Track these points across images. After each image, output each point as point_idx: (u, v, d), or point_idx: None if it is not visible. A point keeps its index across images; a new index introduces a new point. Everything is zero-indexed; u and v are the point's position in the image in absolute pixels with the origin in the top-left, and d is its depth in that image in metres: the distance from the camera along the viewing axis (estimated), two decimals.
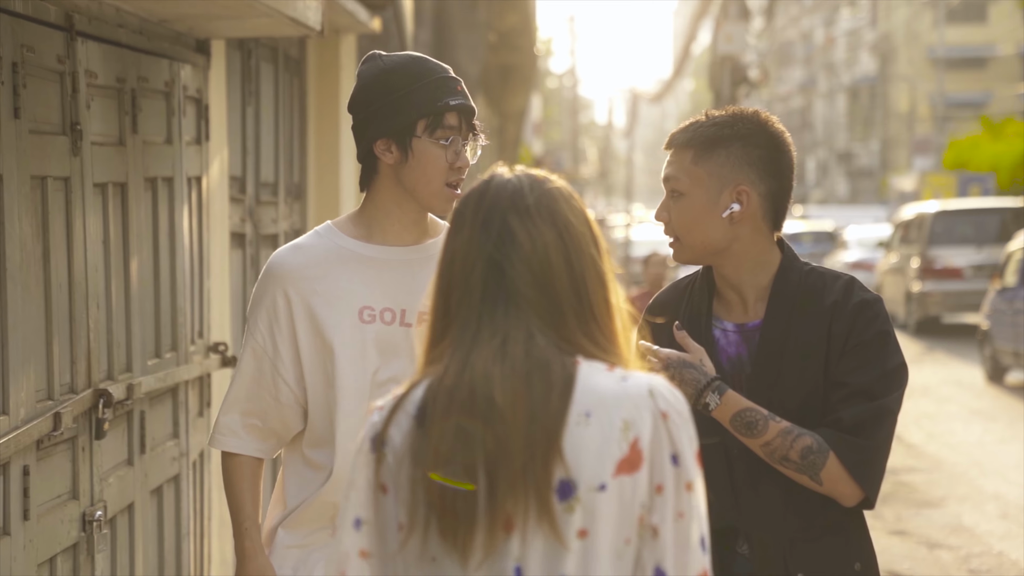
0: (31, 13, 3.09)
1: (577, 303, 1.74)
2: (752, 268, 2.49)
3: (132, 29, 3.75)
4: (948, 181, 27.14)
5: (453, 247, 1.77)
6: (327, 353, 2.53)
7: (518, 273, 1.73)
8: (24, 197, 3.03)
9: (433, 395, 1.71)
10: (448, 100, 2.50)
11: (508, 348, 1.70)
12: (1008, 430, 11.29)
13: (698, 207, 2.46)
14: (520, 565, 1.69)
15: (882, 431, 2.39)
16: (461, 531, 1.68)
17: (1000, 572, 7.03)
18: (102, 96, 3.52)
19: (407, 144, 2.50)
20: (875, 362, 2.41)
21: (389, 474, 1.72)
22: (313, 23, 4.33)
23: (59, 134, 3.26)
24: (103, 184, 3.51)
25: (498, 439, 1.68)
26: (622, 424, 1.70)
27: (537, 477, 1.67)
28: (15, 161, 2.98)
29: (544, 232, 1.75)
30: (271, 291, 2.55)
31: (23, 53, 3.01)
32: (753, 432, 2.39)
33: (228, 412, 2.61)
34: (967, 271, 17.73)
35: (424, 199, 2.54)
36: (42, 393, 3.14)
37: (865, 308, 2.44)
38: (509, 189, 1.79)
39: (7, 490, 2.94)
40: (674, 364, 2.41)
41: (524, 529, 1.68)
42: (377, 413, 1.76)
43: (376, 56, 2.57)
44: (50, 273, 3.18)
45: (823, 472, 2.37)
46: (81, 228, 3.34)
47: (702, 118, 2.51)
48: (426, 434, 1.70)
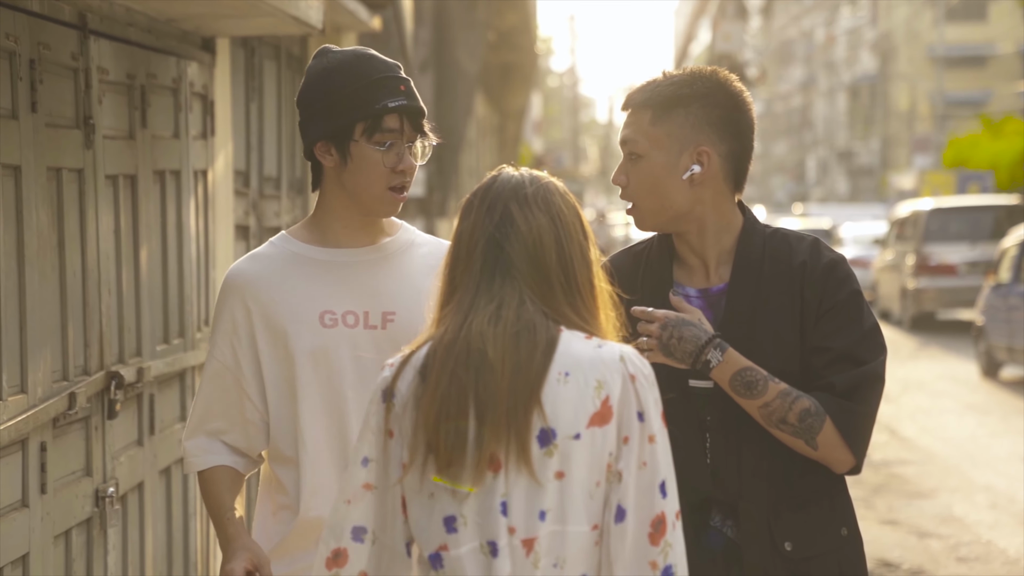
0: (47, 12, 3.24)
1: (564, 279, 2.02)
2: (715, 231, 2.41)
3: (141, 28, 3.90)
4: (947, 179, 27.23)
5: (461, 229, 2.07)
6: (289, 362, 2.43)
7: (514, 250, 2.01)
8: (41, 188, 3.19)
9: (434, 349, 1.99)
10: (387, 102, 2.37)
11: (502, 312, 1.98)
12: (1001, 424, 11.42)
13: (657, 169, 2.37)
14: (506, 500, 1.95)
15: (873, 396, 2.35)
16: (453, 469, 1.94)
17: (987, 560, 7.16)
18: (113, 92, 3.66)
19: (346, 148, 2.40)
20: (854, 323, 2.35)
21: (396, 420, 2.00)
22: (315, 22, 4.49)
23: (73, 128, 3.41)
24: (114, 176, 3.66)
25: (487, 387, 1.95)
26: (596, 383, 1.97)
27: (519, 423, 1.94)
28: (32, 153, 3.14)
29: (539, 217, 2.04)
30: (230, 304, 2.46)
31: (40, 51, 3.17)
32: (752, 392, 2.32)
33: (193, 436, 2.52)
34: (961, 268, 17.89)
35: (365, 203, 2.44)
36: (58, 374, 3.30)
37: (835, 268, 2.38)
38: (512, 182, 2.09)
39: (26, 465, 3.10)
40: (673, 323, 2.33)
41: (507, 469, 1.94)
42: (388, 368, 2.04)
43: (325, 52, 2.46)
44: (65, 260, 3.34)
45: (819, 436, 2.32)
46: (94, 218, 3.50)
47: (660, 77, 2.42)
48: (426, 383, 1.97)
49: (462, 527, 1.96)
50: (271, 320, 2.43)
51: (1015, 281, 13.74)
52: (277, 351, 2.44)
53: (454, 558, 1.96)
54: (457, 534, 1.96)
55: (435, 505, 1.97)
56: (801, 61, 66.08)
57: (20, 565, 3.06)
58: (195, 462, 2.51)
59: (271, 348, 2.44)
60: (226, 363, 2.46)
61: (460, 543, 1.96)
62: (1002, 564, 7.07)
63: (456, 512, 1.96)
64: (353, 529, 2.01)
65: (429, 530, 1.98)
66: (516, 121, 20.93)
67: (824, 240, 2.57)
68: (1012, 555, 7.23)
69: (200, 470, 2.51)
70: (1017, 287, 13.63)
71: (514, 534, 1.95)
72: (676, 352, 2.33)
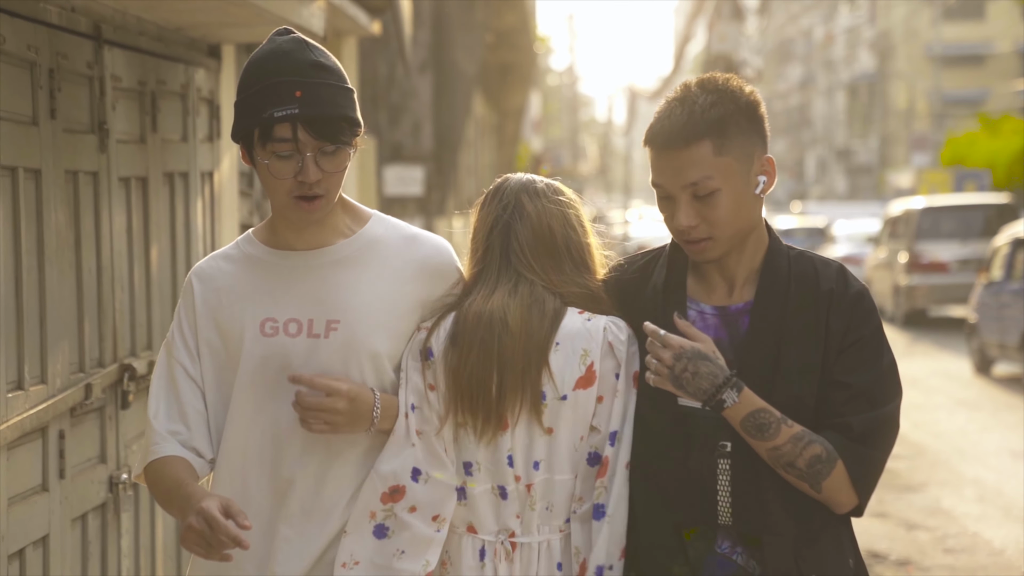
0: (65, 24, 3.42)
1: (568, 253, 2.38)
2: (752, 248, 2.34)
3: (152, 36, 4.08)
4: (944, 177, 27.35)
5: (476, 221, 2.44)
6: (229, 369, 2.32)
7: (525, 236, 2.38)
8: (59, 189, 3.37)
9: (463, 317, 2.35)
10: (274, 111, 2.18)
11: (519, 288, 2.35)
12: (991, 419, 11.56)
13: (739, 196, 2.28)
14: (511, 454, 2.35)
15: (888, 441, 2.29)
16: (476, 422, 2.33)
17: (973, 551, 7.30)
18: (125, 98, 3.84)
19: (251, 154, 2.26)
20: (875, 360, 2.28)
21: (433, 376, 2.35)
22: (317, 29, 4.66)
23: (88, 133, 3.59)
24: (126, 178, 3.83)
25: (506, 349, 2.31)
26: (582, 352, 2.34)
27: (532, 381, 2.32)
28: (52, 157, 3.32)
29: (547, 205, 2.40)
30: (186, 304, 2.37)
31: (58, 60, 3.35)
32: (764, 435, 2.25)
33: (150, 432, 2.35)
34: (953, 265, 18.11)
35: (276, 210, 2.32)
36: (74, 366, 3.48)
37: (862, 300, 2.31)
38: (523, 179, 2.45)
39: (46, 451, 3.29)
40: (688, 355, 2.24)
41: (515, 426, 2.34)
42: (422, 331, 2.36)
43: (269, 39, 2.28)
44: (81, 258, 3.52)
45: (826, 481, 2.25)
46: (108, 218, 3.67)
47: (684, 106, 2.29)
48: (456, 346, 2.32)
49: (477, 472, 2.36)
50: (219, 324, 2.33)
51: (1007, 279, 13.89)
52: (218, 357, 2.33)
53: (473, 494, 2.37)
54: (473, 477, 2.36)
55: (460, 449, 2.36)
56: (800, 60, 66.20)
57: (41, 546, 3.25)
58: (145, 458, 2.33)
59: (214, 352, 2.33)
60: (183, 362, 2.33)
61: (477, 483, 2.37)
62: (987, 555, 7.22)
63: (473, 459, 2.36)
64: (412, 469, 2.34)
65: (459, 468, 2.37)
66: (515, 120, 21.07)
67: (820, 238, 2.60)
68: (997, 546, 7.39)
69: (152, 460, 2.32)
70: (1009, 285, 13.79)
71: (519, 481, 2.36)
72: (689, 387, 2.25)
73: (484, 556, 2.37)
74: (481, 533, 2.37)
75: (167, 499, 2.30)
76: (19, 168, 3.16)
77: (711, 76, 2.36)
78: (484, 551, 2.37)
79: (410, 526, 2.32)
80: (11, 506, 3.10)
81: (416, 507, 2.34)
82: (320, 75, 2.22)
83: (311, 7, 4.62)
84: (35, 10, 3.24)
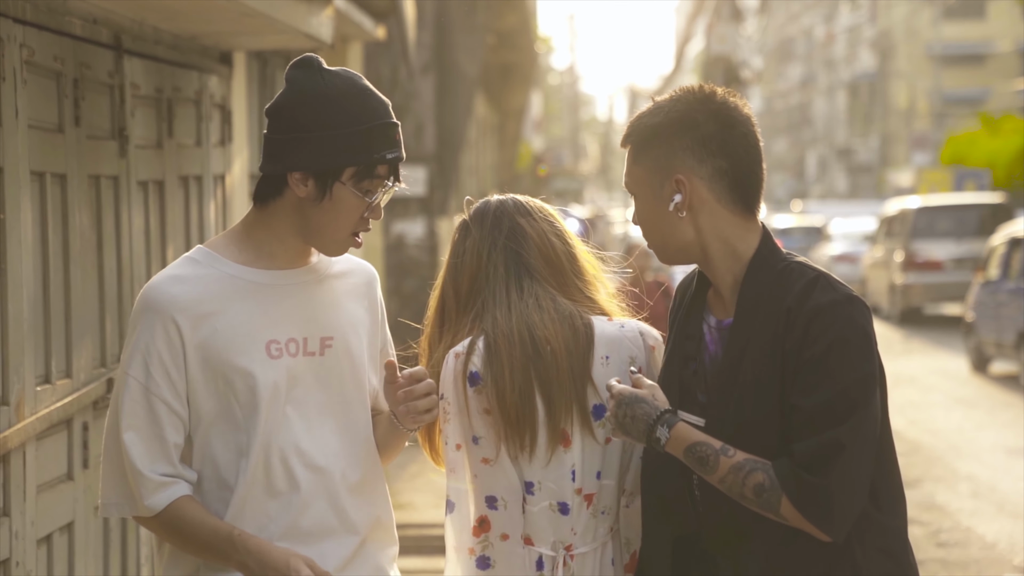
0: (88, 35, 3.59)
1: (572, 272, 2.46)
2: (722, 259, 2.28)
3: (167, 45, 4.23)
4: (944, 177, 27.44)
5: (463, 248, 2.47)
6: (232, 397, 2.23)
7: (532, 255, 2.45)
8: (83, 193, 3.53)
9: (493, 340, 2.39)
10: (385, 153, 2.26)
11: (541, 303, 2.42)
12: (987, 416, 11.68)
13: (647, 206, 2.29)
14: (575, 469, 2.41)
15: (836, 468, 2.12)
16: (527, 437, 2.37)
17: (966, 545, 7.43)
18: (143, 105, 4.00)
19: (328, 186, 2.24)
20: (827, 381, 2.15)
21: (488, 400, 2.38)
22: (325, 37, 4.82)
23: (109, 139, 3.75)
24: (144, 182, 4.00)
25: (547, 369, 2.36)
26: (629, 359, 2.43)
27: (580, 396, 2.38)
28: (76, 162, 3.49)
29: (543, 225, 2.48)
30: (157, 328, 2.21)
31: (82, 70, 3.52)
32: (705, 467, 2.20)
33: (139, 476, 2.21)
34: (948, 264, 18.31)
35: (325, 243, 2.29)
36: (97, 361, 3.64)
37: (820, 315, 2.17)
38: (510, 202, 2.52)
39: (71, 442, 3.45)
40: (627, 400, 2.24)
41: (575, 440, 2.39)
42: (457, 358, 2.38)
43: (313, 66, 2.28)
44: (103, 259, 3.68)
45: (782, 510, 2.16)
46: (127, 220, 3.84)
47: (645, 109, 2.31)
48: (499, 367, 2.36)
49: (538, 491, 2.41)
50: (209, 351, 2.22)
51: (1003, 278, 14.03)
52: (213, 386, 2.23)
53: (531, 511, 2.41)
54: (534, 496, 2.41)
55: (518, 469, 2.40)
56: (801, 59, 66.28)
57: (67, 531, 3.42)
58: (155, 501, 2.22)
59: (206, 381, 2.22)
60: (156, 392, 2.21)
61: (536, 503, 2.41)
62: (979, 549, 7.34)
63: (534, 479, 2.40)
64: (487, 499, 2.42)
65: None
66: (516, 120, 21.17)
67: (817, 237, 2.39)
68: (989, 540, 7.52)
69: (165, 506, 2.22)
70: (1005, 283, 13.91)
71: (580, 493, 2.42)
72: (632, 430, 2.25)
73: (542, 567, 2.42)
74: (538, 545, 2.41)
75: (199, 545, 2.23)
76: (46, 173, 3.33)
77: (701, 87, 2.30)
78: (542, 562, 2.42)
79: (511, 552, 2.40)
80: (39, 493, 3.26)
81: (507, 534, 2.40)
82: (396, 120, 2.32)
83: (320, 16, 4.78)
84: (61, 23, 3.41)
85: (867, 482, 2.18)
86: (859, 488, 2.16)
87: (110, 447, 2.25)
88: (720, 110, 2.25)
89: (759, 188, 2.29)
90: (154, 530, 2.26)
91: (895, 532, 2.23)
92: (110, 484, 2.26)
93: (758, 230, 2.29)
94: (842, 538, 2.16)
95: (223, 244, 2.29)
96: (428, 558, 7.15)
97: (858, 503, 2.16)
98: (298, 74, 2.26)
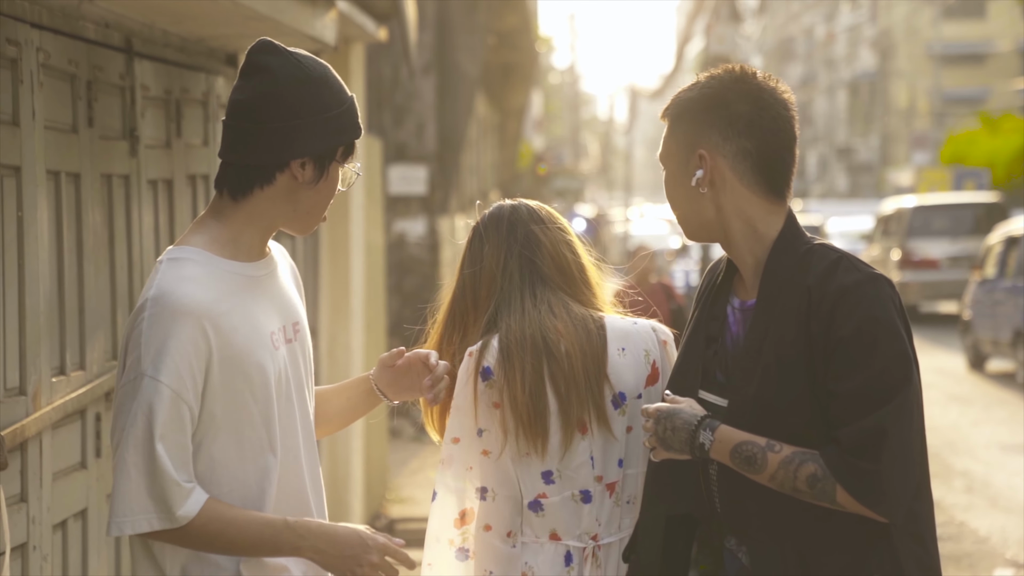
0: (101, 39, 3.71)
1: (581, 278, 2.58)
2: (743, 240, 2.27)
3: (176, 47, 4.35)
4: (943, 176, 27.54)
5: (480, 252, 2.59)
6: (249, 394, 2.20)
7: (545, 263, 2.57)
8: (96, 192, 3.65)
9: (507, 342, 2.50)
10: (360, 128, 2.31)
11: (554, 309, 2.54)
12: (983, 414, 11.80)
13: (674, 180, 2.31)
14: (593, 455, 2.50)
15: (884, 452, 2.11)
16: (539, 438, 2.48)
17: (959, 539, 7.55)
18: (153, 106, 4.11)
19: (325, 167, 2.26)
20: (861, 364, 2.13)
21: (497, 395, 2.49)
22: (328, 39, 4.94)
23: (121, 139, 3.86)
24: (154, 181, 4.11)
25: (561, 370, 2.48)
26: (644, 353, 2.55)
27: (595, 393, 2.49)
28: (89, 162, 3.61)
29: (555, 234, 2.61)
30: (186, 332, 2.14)
31: (95, 73, 3.64)
32: (754, 467, 2.17)
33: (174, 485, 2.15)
34: (943, 262, 18.48)
35: (307, 223, 2.30)
36: (108, 353, 3.75)
37: (845, 296, 2.16)
38: (523, 209, 2.64)
39: (84, 432, 3.57)
40: (664, 414, 2.25)
41: (593, 430, 2.50)
42: (470, 356, 2.51)
43: (282, 51, 2.27)
44: (115, 255, 3.80)
45: (838, 498, 2.15)
46: (138, 218, 3.95)
47: (687, 85, 2.35)
48: (511, 366, 2.47)
49: (558, 479, 2.48)
50: (233, 350, 2.19)
51: (1000, 277, 14.14)
52: (232, 384, 2.19)
53: (551, 503, 2.48)
54: (554, 485, 2.48)
55: (532, 462, 2.49)
56: (801, 58, 66.35)
57: (80, 518, 3.54)
58: (188, 509, 2.15)
59: (224, 382, 2.18)
60: (184, 397, 2.15)
61: (556, 492, 2.48)
62: (972, 543, 7.47)
63: (553, 468, 2.48)
64: (478, 489, 2.51)
65: (529, 482, 2.50)
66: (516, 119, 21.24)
67: (812, 235, 2.33)
68: (982, 534, 7.64)
69: (198, 511, 2.15)
70: (1002, 282, 14.03)
71: (600, 481, 2.50)
72: (673, 443, 2.24)
73: (571, 561, 2.48)
74: (565, 539, 2.48)
75: (250, 541, 2.18)
76: (61, 173, 3.45)
77: (742, 68, 2.30)
78: (570, 556, 2.48)
79: (491, 545, 2.47)
80: (55, 481, 3.38)
81: (491, 525, 2.47)
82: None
83: (324, 19, 4.89)
84: (75, 27, 3.53)
85: (918, 459, 2.17)
86: (911, 467, 2.14)
87: (134, 456, 2.13)
88: (753, 91, 2.25)
89: (787, 172, 2.28)
90: (181, 540, 2.16)
91: (924, 517, 2.22)
92: (133, 495, 2.13)
93: (783, 213, 2.28)
94: (901, 519, 2.15)
95: (207, 241, 2.24)
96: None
97: (912, 482, 2.15)
98: (272, 60, 2.25)
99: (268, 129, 2.21)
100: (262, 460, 2.22)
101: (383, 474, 8.31)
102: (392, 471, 9.02)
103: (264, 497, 2.22)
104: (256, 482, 2.22)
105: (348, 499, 6.82)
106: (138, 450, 2.14)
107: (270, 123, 2.21)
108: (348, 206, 6.65)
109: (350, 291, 6.81)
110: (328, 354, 6.69)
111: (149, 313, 2.16)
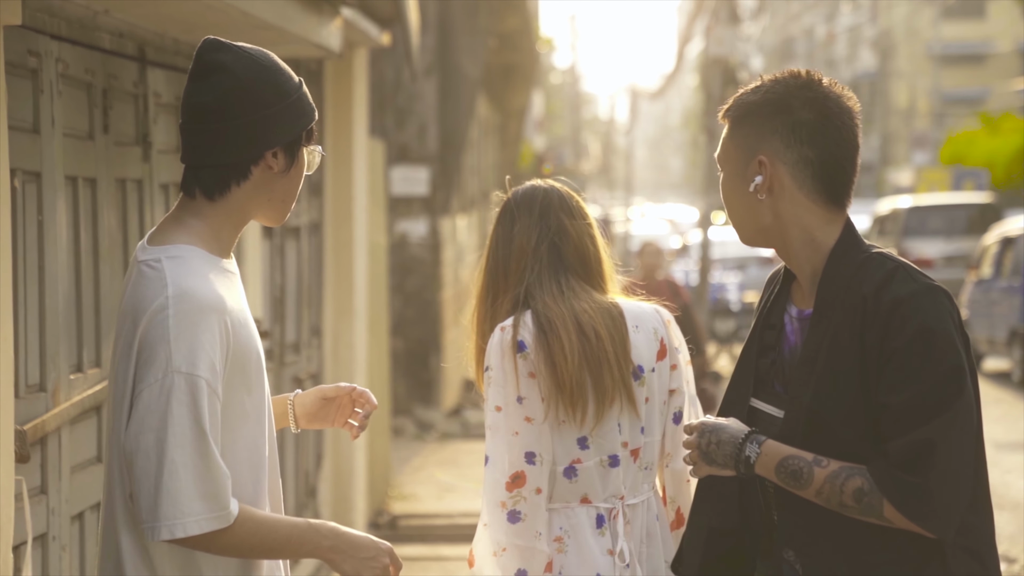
0: (115, 48, 3.84)
1: (598, 270, 2.81)
2: (800, 249, 2.24)
3: (186, 56, 4.48)
4: (943, 176, 27.64)
5: (510, 232, 2.81)
6: (244, 387, 2.21)
7: (570, 253, 2.80)
8: (111, 196, 3.79)
9: (543, 319, 2.73)
10: (315, 112, 2.32)
11: (578, 294, 2.76)
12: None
13: (731, 183, 2.27)
14: (620, 423, 2.74)
15: (933, 467, 2.07)
16: (579, 408, 2.70)
17: None
18: (165, 113, 4.25)
19: (295, 153, 2.27)
20: (913, 377, 2.09)
21: (533, 365, 2.71)
22: (334, 46, 5.07)
23: (134, 145, 4.00)
24: (166, 185, 4.24)
25: (594, 349, 2.71)
26: (653, 330, 2.81)
27: (623, 370, 2.73)
28: (105, 167, 3.74)
29: (580, 225, 2.83)
30: (215, 328, 2.15)
31: (110, 81, 3.77)
32: (800, 482, 2.14)
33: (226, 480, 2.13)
34: (938, 261, 18.61)
35: (281, 212, 2.30)
36: None
37: (899, 307, 2.11)
38: (555, 195, 2.85)
39: (100, 427, 3.70)
40: (709, 428, 2.23)
41: (620, 402, 2.74)
42: (504, 331, 2.72)
43: (230, 46, 2.25)
44: (129, 257, 3.93)
45: (885, 513, 2.11)
46: (151, 221, 4.08)
47: (750, 86, 2.30)
48: (549, 341, 2.70)
49: (592, 445, 2.71)
50: (239, 346, 2.20)
51: (996, 276, 14.27)
52: (237, 378, 2.20)
53: (585, 468, 2.70)
54: (588, 450, 2.71)
55: (568, 429, 2.72)
56: (802, 58, 66.40)
57: (97, 510, 3.67)
58: (233, 505, 2.13)
59: (232, 375, 2.19)
60: (217, 392, 2.15)
61: (589, 457, 2.71)
62: None
63: (587, 434, 2.71)
64: (526, 454, 2.69)
65: (564, 448, 2.72)
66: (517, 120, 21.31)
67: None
68: None
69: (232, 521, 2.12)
70: (998, 282, 14.15)
71: (626, 447, 2.73)
72: (717, 457, 2.22)
73: (602, 523, 2.71)
74: (595, 502, 2.71)
75: (279, 542, 2.17)
76: (78, 178, 3.58)
77: (809, 73, 2.26)
78: (602, 518, 2.71)
79: (539, 507, 2.66)
80: (73, 474, 3.52)
81: (541, 488, 2.67)
82: None
83: (330, 27, 5.02)
84: (92, 38, 3.66)
85: (970, 474, 2.12)
86: (961, 482, 2.10)
87: (182, 456, 2.08)
88: (818, 99, 2.21)
89: (848, 182, 2.25)
90: (221, 541, 2.11)
91: (980, 531, 2.17)
92: (184, 496, 2.08)
93: (841, 222, 2.25)
94: (951, 535, 2.10)
95: (195, 239, 2.22)
96: (431, 546, 7.41)
97: (963, 498, 2.10)
98: (225, 57, 2.22)
99: (240, 125, 2.20)
100: (257, 456, 2.22)
101: (386, 471, 8.44)
102: (395, 468, 9.16)
103: (260, 492, 2.23)
104: (252, 482, 2.22)
105: (352, 496, 6.95)
106: (186, 449, 2.09)
107: (241, 118, 2.20)
108: (351, 207, 6.77)
109: (353, 291, 6.93)
110: (332, 353, 6.82)
111: (174, 311, 2.12)
